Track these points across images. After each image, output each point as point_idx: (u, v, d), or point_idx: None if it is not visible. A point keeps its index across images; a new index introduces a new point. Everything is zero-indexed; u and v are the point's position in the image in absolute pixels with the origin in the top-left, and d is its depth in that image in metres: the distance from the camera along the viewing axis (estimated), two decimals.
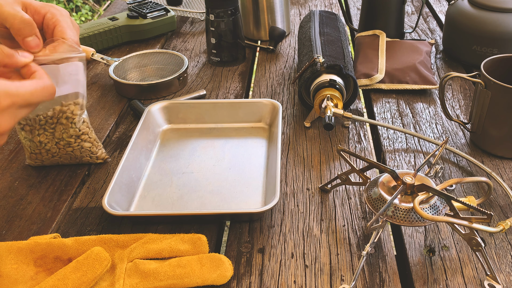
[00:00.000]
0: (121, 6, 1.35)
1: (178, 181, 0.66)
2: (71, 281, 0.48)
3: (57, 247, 0.53)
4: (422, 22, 1.14)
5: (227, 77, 0.94)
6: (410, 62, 0.88)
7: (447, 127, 0.76)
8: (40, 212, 0.63)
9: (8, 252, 0.53)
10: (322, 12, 0.94)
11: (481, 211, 0.48)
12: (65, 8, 3.54)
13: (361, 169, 0.59)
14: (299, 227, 0.58)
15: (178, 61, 0.93)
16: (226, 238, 0.59)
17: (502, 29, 0.85)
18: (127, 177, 0.64)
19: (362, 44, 0.97)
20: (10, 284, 0.50)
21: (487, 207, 0.60)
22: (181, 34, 1.15)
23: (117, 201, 0.60)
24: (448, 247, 0.55)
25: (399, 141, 0.73)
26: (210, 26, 0.94)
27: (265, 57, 1.02)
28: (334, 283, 0.51)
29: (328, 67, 0.76)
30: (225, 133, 0.76)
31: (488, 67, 0.67)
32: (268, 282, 0.52)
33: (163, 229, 0.59)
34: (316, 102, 0.74)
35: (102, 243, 0.54)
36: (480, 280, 0.51)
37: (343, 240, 0.56)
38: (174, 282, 0.50)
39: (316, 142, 0.74)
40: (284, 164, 0.69)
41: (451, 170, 0.67)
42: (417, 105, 0.82)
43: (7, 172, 0.70)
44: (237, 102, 0.78)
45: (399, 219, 0.51)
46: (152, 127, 0.75)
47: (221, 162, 0.70)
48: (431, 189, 0.51)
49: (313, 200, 0.63)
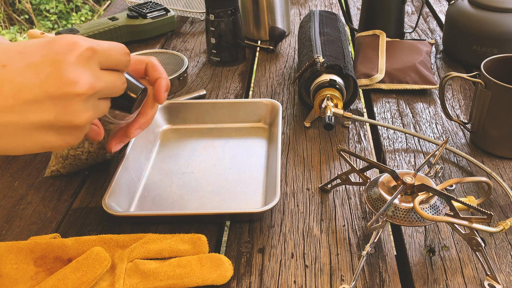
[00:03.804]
0: (121, 6, 1.35)
1: (178, 181, 0.66)
2: (71, 281, 0.48)
3: (57, 247, 0.53)
4: (422, 22, 1.14)
5: (227, 77, 0.94)
6: (410, 62, 0.88)
7: (447, 127, 0.76)
8: (40, 212, 0.63)
9: (8, 252, 0.53)
10: (322, 12, 0.94)
11: (481, 211, 0.48)
12: (65, 8, 3.55)
13: (361, 169, 0.59)
14: (299, 227, 0.58)
15: (178, 61, 0.93)
16: (226, 238, 0.59)
17: (502, 29, 0.85)
18: (127, 177, 0.64)
19: (362, 44, 0.97)
20: (10, 284, 0.50)
21: (487, 207, 0.60)
22: (181, 34, 1.15)
23: (117, 201, 0.60)
24: (448, 247, 0.55)
25: (399, 141, 0.73)
26: (210, 26, 0.94)
27: (265, 57, 1.02)
28: (334, 283, 0.51)
29: (328, 67, 0.76)
30: (225, 133, 0.76)
31: (488, 67, 0.67)
32: (268, 282, 0.52)
33: (163, 229, 0.59)
34: (316, 102, 0.74)
35: (102, 243, 0.54)
36: (480, 280, 0.51)
37: (343, 240, 0.56)
38: (174, 282, 0.50)
39: (316, 142, 0.74)
40: (284, 164, 0.69)
41: (451, 170, 0.67)
42: (417, 105, 0.82)
43: (7, 172, 0.70)
44: (237, 102, 0.78)
45: (399, 219, 0.51)
46: (152, 127, 0.75)
47: (221, 162, 0.70)
48: (431, 189, 0.51)
49: (313, 200, 0.63)
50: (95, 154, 0.67)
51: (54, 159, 0.67)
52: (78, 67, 0.41)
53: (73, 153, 0.66)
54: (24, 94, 0.39)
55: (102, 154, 0.68)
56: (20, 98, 0.39)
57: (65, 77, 0.40)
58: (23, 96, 0.39)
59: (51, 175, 0.68)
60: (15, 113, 0.39)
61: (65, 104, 0.40)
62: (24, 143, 0.41)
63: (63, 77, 0.40)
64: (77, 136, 0.44)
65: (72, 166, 0.67)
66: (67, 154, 0.66)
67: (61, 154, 0.66)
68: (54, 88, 0.40)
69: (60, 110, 0.40)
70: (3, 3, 3.44)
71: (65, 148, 0.44)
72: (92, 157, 0.67)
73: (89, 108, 0.43)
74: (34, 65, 0.39)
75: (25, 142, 0.41)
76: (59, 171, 0.68)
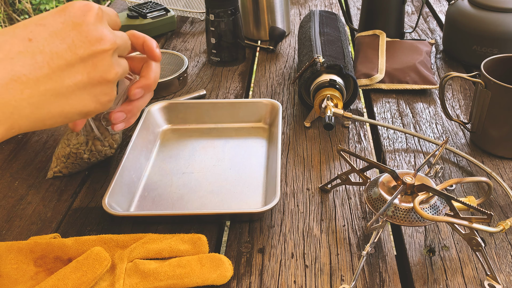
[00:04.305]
0: (121, 6, 1.35)
1: (178, 181, 0.66)
2: (71, 281, 0.48)
3: (57, 247, 0.53)
4: (422, 22, 1.14)
5: (227, 77, 0.94)
6: (410, 62, 0.88)
7: (447, 127, 0.76)
8: (40, 212, 0.63)
9: (8, 252, 0.53)
10: (322, 12, 0.94)
11: (481, 211, 0.48)
12: None
13: (361, 169, 0.59)
14: (299, 227, 0.58)
15: (178, 61, 0.93)
16: (226, 238, 0.59)
17: (502, 29, 0.85)
18: (127, 177, 0.64)
19: (362, 44, 0.97)
20: (10, 284, 0.50)
21: (487, 207, 0.60)
22: (181, 34, 1.15)
23: (117, 201, 0.60)
24: (448, 247, 0.55)
25: (399, 141, 0.73)
26: (210, 26, 0.94)
27: (265, 57, 1.02)
28: (334, 283, 0.51)
29: (328, 67, 0.76)
30: (225, 133, 0.76)
31: (488, 67, 0.67)
32: (268, 282, 0.52)
33: (163, 229, 0.59)
34: (316, 102, 0.74)
35: (102, 243, 0.54)
36: (480, 280, 0.51)
37: (343, 240, 0.56)
38: (174, 282, 0.50)
39: (316, 142, 0.74)
40: (284, 164, 0.69)
41: (451, 170, 0.67)
42: (417, 105, 0.82)
43: (7, 172, 0.70)
44: (237, 102, 0.78)
45: (399, 219, 0.51)
46: (152, 127, 0.75)
47: (221, 162, 0.70)
48: (431, 189, 0.51)
49: (313, 200, 0.63)
50: (97, 152, 0.67)
51: (55, 160, 0.67)
52: (98, 26, 0.43)
53: (75, 151, 0.65)
54: (56, 61, 0.41)
55: (104, 151, 0.68)
56: (54, 66, 0.41)
57: (90, 36, 0.42)
58: (56, 63, 0.41)
59: (53, 176, 0.68)
60: (52, 81, 0.41)
61: (95, 62, 0.43)
62: (63, 109, 0.43)
63: (88, 36, 0.42)
64: (109, 94, 0.45)
65: (75, 166, 0.67)
66: (69, 153, 0.66)
67: (63, 153, 0.66)
68: (83, 49, 0.42)
69: (91, 68, 0.43)
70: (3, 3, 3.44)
71: (100, 110, 0.46)
72: (94, 156, 0.67)
73: (116, 64, 0.45)
74: (58, 32, 0.41)
75: (64, 108, 0.43)
76: (61, 171, 0.68)
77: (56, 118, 0.43)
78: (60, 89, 0.41)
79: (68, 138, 0.66)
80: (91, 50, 0.42)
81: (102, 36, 0.43)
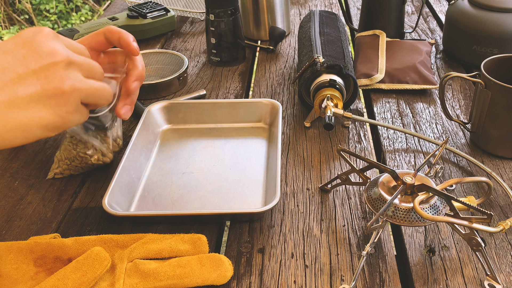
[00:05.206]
0: (121, 6, 1.35)
1: (178, 181, 0.66)
2: (71, 281, 0.48)
3: (57, 247, 0.53)
4: (422, 22, 1.14)
5: (227, 77, 0.94)
6: (410, 62, 0.88)
7: (447, 127, 0.76)
8: (40, 212, 0.63)
9: (8, 252, 0.53)
10: (322, 12, 0.94)
11: (481, 211, 0.48)
12: (65, 8, 3.54)
13: (361, 169, 0.59)
14: (299, 227, 0.58)
15: (178, 61, 0.93)
16: (226, 238, 0.59)
17: (502, 29, 0.85)
18: (127, 177, 0.64)
19: (362, 44, 0.97)
20: (10, 284, 0.50)
21: (487, 207, 0.60)
22: (181, 34, 1.15)
23: (117, 201, 0.60)
24: (448, 247, 0.55)
25: (399, 141, 0.73)
26: (210, 26, 0.94)
27: (265, 57, 1.02)
28: (334, 283, 0.51)
29: (328, 67, 0.76)
30: (225, 133, 0.76)
31: (488, 67, 0.67)
32: (268, 282, 0.52)
33: (163, 229, 0.59)
34: (316, 102, 0.74)
35: (102, 243, 0.54)
36: (480, 280, 0.51)
37: (343, 240, 0.56)
38: (174, 282, 0.50)
39: (316, 142, 0.74)
40: (284, 164, 0.69)
41: (451, 170, 0.67)
42: (417, 105, 0.82)
43: (7, 172, 0.70)
44: (237, 102, 0.78)
45: (399, 219, 0.51)
46: (152, 127, 0.75)
47: (221, 162, 0.70)
48: (431, 189, 0.51)
49: (313, 200, 0.63)
50: (102, 161, 0.68)
51: (57, 161, 0.67)
52: (49, 42, 0.44)
53: (82, 155, 0.66)
54: (8, 74, 0.42)
55: (108, 156, 0.68)
56: (5, 79, 0.42)
57: (40, 51, 0.43)
58: (8, 76, 0.42)
59: (54, 177, 0.68)
60: (4, 92, 0.42)
61: (47, 74, 0.43)
62: (20, 122, 0.43)
63: (38, 51, 0.43)
64: (66, 105, 0.45)
65: (78, 169, 0.67)
66: (75, 156, 0.66)
67: (68, 156, 0.66)
68: (34, 63, 0.43)
69: (44, 80, 0.43)
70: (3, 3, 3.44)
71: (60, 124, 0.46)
72: (100, 160, 0.68)
73: (72, 76, 0.45)
74: (10, 51, 0.43)
75: (21, 121, 0.43)
76: (62, 173, 0.68)
77: (14, 132, 0.43)
78: (14, 100, 0.42)
79: (73, 142, 0.66)
80: (42, 64, 0.43)
81: (52, 50, 0.44)
